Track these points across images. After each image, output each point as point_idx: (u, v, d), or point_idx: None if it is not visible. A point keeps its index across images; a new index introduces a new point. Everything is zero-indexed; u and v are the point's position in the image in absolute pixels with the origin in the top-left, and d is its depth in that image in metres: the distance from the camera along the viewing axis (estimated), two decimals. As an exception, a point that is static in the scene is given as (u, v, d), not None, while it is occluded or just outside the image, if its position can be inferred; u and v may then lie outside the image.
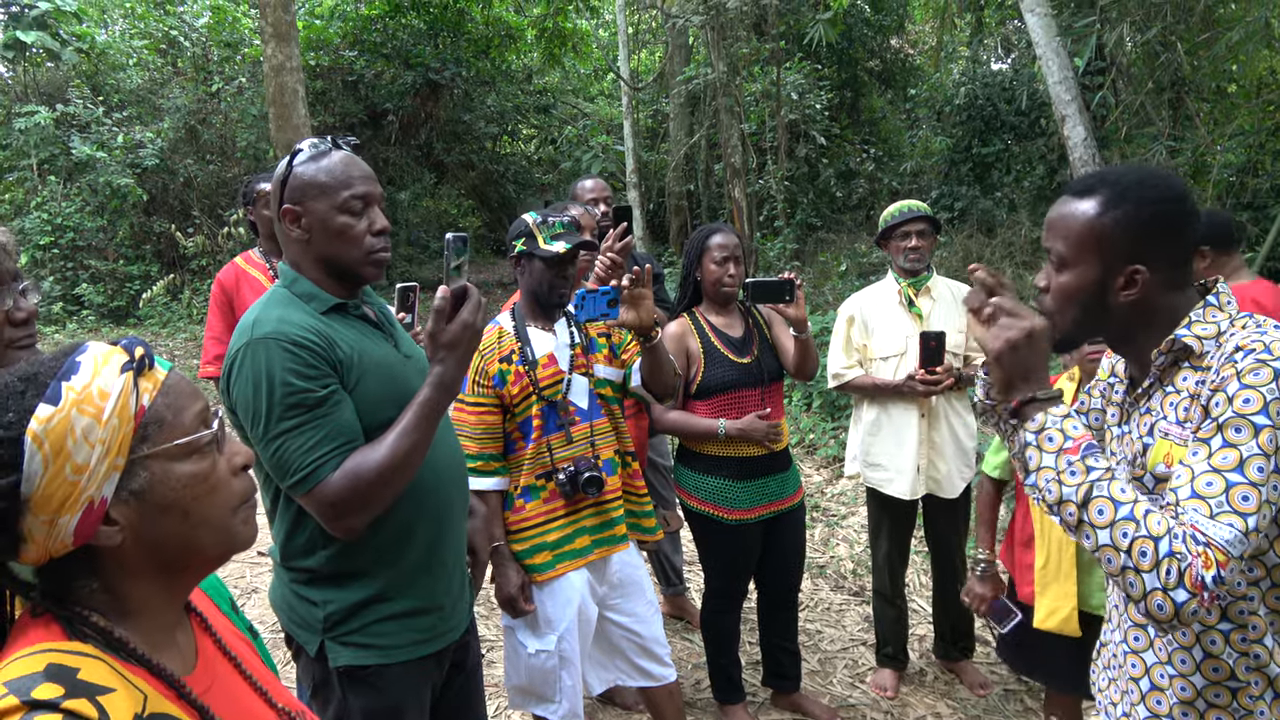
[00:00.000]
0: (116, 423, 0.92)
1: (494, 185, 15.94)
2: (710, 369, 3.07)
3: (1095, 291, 1.44)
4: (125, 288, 11.72)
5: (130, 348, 0.97)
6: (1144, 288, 1.42)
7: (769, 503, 3.12)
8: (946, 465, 3.34)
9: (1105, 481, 1.30)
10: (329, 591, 1.79)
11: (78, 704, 0.85)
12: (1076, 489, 1.30)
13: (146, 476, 0.96)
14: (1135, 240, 1.40)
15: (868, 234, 9.73)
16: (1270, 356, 1.29)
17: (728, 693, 3.28)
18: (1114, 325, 1.48)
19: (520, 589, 2.52)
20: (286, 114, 8.21)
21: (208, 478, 1.00)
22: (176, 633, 1.05)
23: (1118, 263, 1.42)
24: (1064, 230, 1.46)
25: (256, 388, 1.65)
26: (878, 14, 11.75)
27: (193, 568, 1.04)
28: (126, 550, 0.96)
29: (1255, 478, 1.25)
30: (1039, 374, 1.39)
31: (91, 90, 12.56)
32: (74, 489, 0.90)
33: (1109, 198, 1.42)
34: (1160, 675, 1.48)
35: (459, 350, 1.68)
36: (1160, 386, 1.47)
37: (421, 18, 13.74)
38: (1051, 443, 1.34)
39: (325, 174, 1.76)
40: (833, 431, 6.43)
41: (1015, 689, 3.49)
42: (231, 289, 3.59)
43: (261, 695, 1.12)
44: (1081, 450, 1.32)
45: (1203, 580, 1.21)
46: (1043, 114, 9.19)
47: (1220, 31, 6.61)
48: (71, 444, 0.90)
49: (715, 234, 3.11)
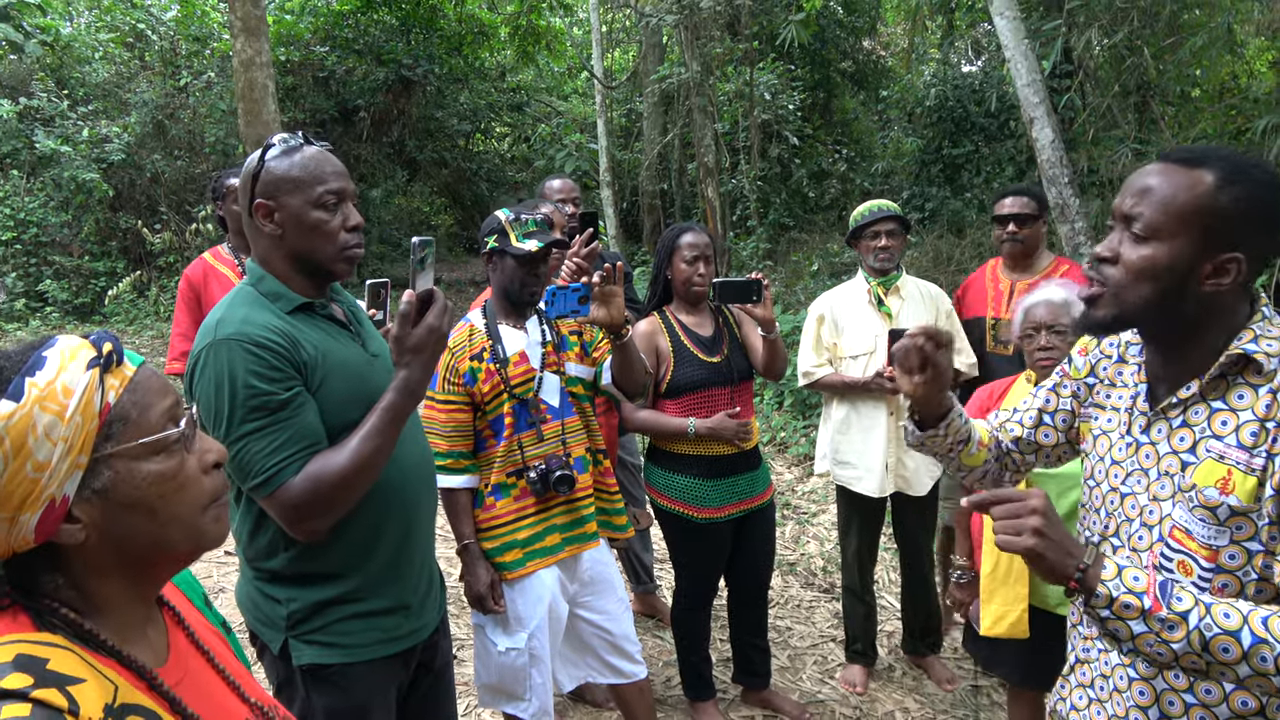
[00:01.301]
0: (80, 420, 0.91)
1: (467, 183, 15.85)
2: (679, 368, 3.07)
3: (1182, 272, 1.30)
4: (90, 284, 11.53)
5: (99, 343, 0.96)
6: (1235, 279, 1.29)
7: (739, 501, 3.13)
8: (914, 463, 3.37)
9: (1206, 617, 1.21)
10: (293, 589, 1.78)
11: (47, 693, 0.84)
12: (1187, 640, 1.21)
13: (110, 475, 0.95)
14: (1242, 225, 1.28)
15: (840, 234, 9.77)
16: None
17: (698, 689, 3.29)
18: (1182, 317, 1.34)
19: (490, 587, 2.51)
20: (256, 110, 8.10)
21: (175, 475, 0.99)
22: (147, 626, 1.04)
23: (1216, 245, 1.28)
24: (1164, 198, 1.30)
25: (219, 389, 1.64)
26: (850, 16, 11.81)
27: (162, 565, 1.03)
28: (91, 547, 0.95)
29: None
30: (1073, 543, 1.30)
31: (56, 84, 12.35)
32: (35, 486, 0.89)
33: (1226, 173, 1.28)
34: (1172, 703, 1.36)
35: (424, 354, 1.68)
36: (1204, 400, 1.35)
37: (394, 14, 13.64)
38: (1130, 609, 1.24)
39: (299, 169, 1.74)
40: (803, 430, 6.47)
41: (982, 684, 3.53)
42: (199, 285, 3.54)
43: (234, 689, 1.11)
44: (1164, 601, 1.23)
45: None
46: (1012, 116, 9.28)
47: (1185, 37, 6.72)
48: (33, 441, 0.88)
49: (686, 233, 3.11)
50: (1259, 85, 8.10)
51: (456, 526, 2.56)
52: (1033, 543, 1.28)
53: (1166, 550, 1.37)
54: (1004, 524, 1.31)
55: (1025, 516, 1.29)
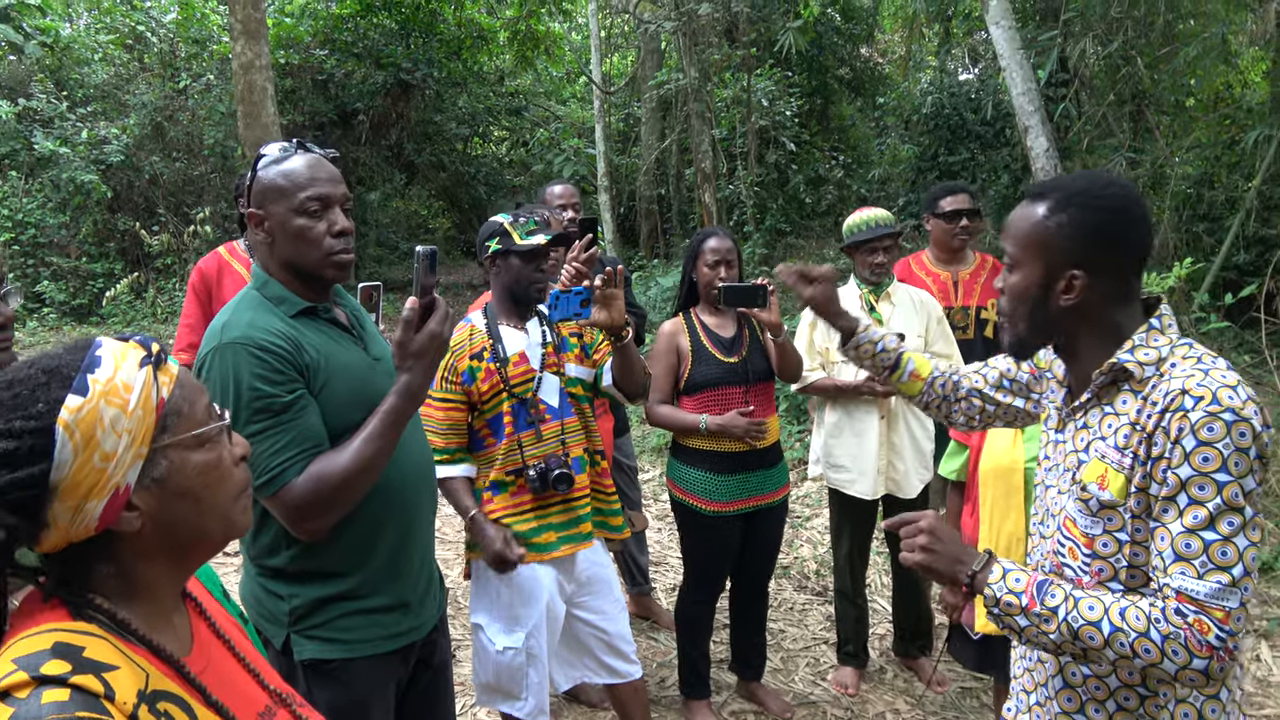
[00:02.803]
0: (141, 413, 0.97)
1: (465, 187, 15.88)
2: (697, 366, 3.18)
3: (1039, 294, 1.49)
4: (88, 286, 11.53)
5: (147, 343, 1.03)
6: (1082, 293, 1.46)
7: (749, 497, 3.19)
8: (905, 465, 3.42)
9: (1073, 611, 1.38)
10: (295, 586, 1.81)
11: (84, 679, 0.88)
12: (1059, 630, 1.38)
13: (166, 465, 1.01)
14: (1076, 244, 1.45)
15: (836, 240, 9.82)
16: (1219, 408, 1.32)
17: (694, 687, 3.34)
18: (1057, 331, 1.53)
19: (505, 542, 2.51)
20: (255, 112, 8.14)
21: (218, 466, 1.06)
22: (174, 616, 1.09)
23: (1058, 266, 1.46)
24: (1014, 232, 1.52)
25: (224, 392, 1.68)
26: (848, 23, 11.88)
27: (200, 551, 1.10)
28: (144, 535, 1.01)
29: (1227, 531, 1.32)
30: (965, 552, 1.50)
31: (55, 85, 12.35)
32: (102, 476, 0.95)
33: (1057, 201, 1.47)
34: (1073, 673, 1.54)
35: (426, 359, 1.72)
36: (1098, 404, 1.51)
37: (393, 17, 13.67)
38: (1012, 607, 1.43)
39: (284, 177, 1.78)
40: (798, 434, 6.50)
41: (972, 686, 3.56)
42: (213, 279, 3.54)
43: (254, 677, 1.16)
44: (1039, 598, 1.41)
45: (1208, 643, 1.30)
46: (1008, 124, 9.33)
47: (1179, 47, 6.77)
48: (101, 433, 0.94)
49: (710, 238, 3.23)
50: (1253, 95, 8.15)
51: (458, 503, 2.58)
52: (920, 557, 1.51)
53: (1060, 537, 1.56)
54: (904, 543, 1.54)
55: (916, 536, 1.52)
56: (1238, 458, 1.32)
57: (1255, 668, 3.55)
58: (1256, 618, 3.83)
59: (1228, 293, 4.88)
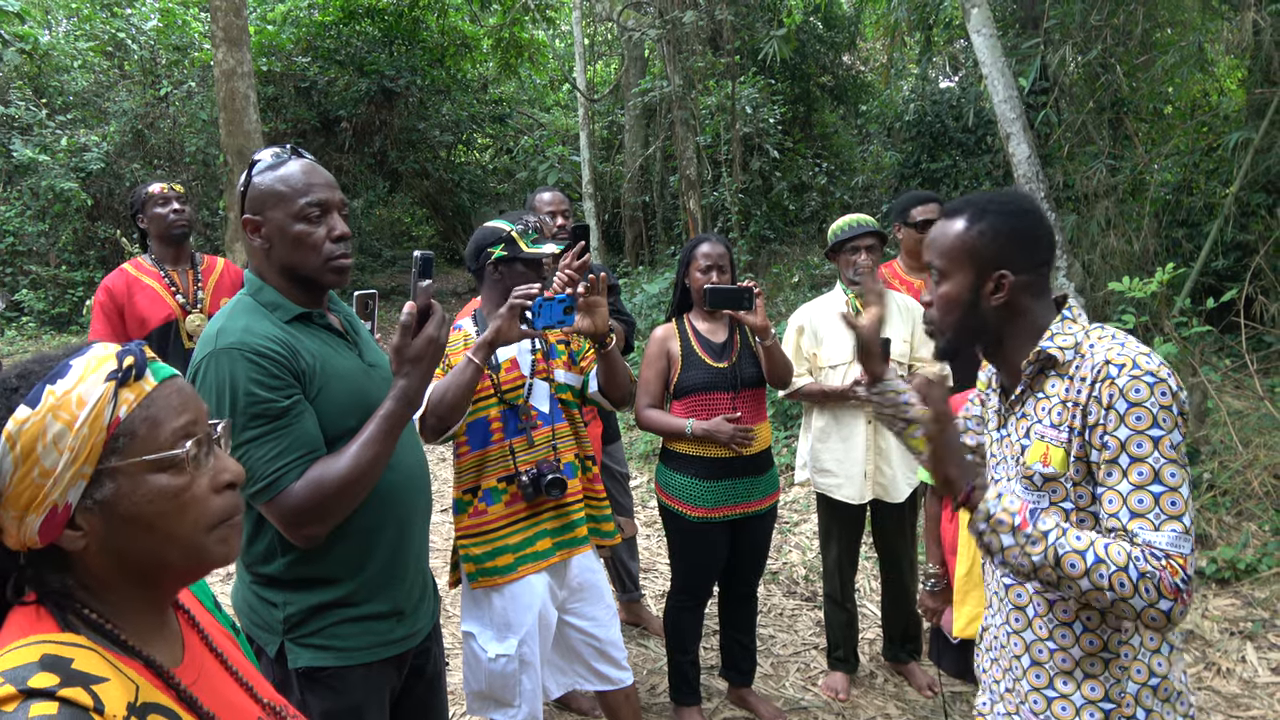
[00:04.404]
0: (87, 432, 0.93)
1: (448, 194, 15.85)
2: (686, 371, 3.19)
3: (970, 297, 1.64)
4: (67, 294, 11.44)
5: (121, 356, 0.98)
6: (1010, 290, 1.61)
7: (736, 504, 3.19)
8: (892, 470, 3.43)
9: (1062, 538, 1.46)
10: (289, 594, 1.80)
11: (73, 692, 0.86)
12: (1044, 554, 1.46)
13: (112, 487, 0.96)
14: (999, 247, 1.61)
15: (820, 246, 9.87)
16: (1141, 371, 1.47)
17: (683, 694, 3.33)
18: (987, 330, 1.67)
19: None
20: (237, 119, 8.09)
21: (179, 494, 0.99)
22: (163, 628, 1.06)
23: (986, 268, 1.62)
24: (940, 247, 1.68)
25: (220, 398, 1.67)
26: (830, 31, 11.95)
27: (166, 578, 1.04)
28: (91, 556, 0.97)
29: (1172, 482, 1.45)
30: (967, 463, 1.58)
31: (34, 92, 12.27)
32: (39, 491, 0.92)
33: (974, 214, 1.64)
34: (1040, 650, 1.64)
35: (423, 364, 1.72)
36: (1031, 393, 1.65)
37: (376, 25, 13.64)
38: (1003, 525, 1.50)
39: (282, 183, 1.78)
40: (785, 440, 6.52)
41: (961, 690, 3.57)
42: (122, 296, 3.48)
43: (246, 689, 1.13)
44: (1032, 521, 1.49)
45: (1176, 586, 1.40)
46: (989, 131, 9.43)
47: (1157, 55, 6.86)
48: (41, 448, 0.91)
49: (703, 243, 3.24)
50: (1229, 103, 8.27)
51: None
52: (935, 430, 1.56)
53: None
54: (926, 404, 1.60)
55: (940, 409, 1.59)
56: (1164, 414, 1.45)
57: (1241, 669, 3.59)
58: (1241, 619, 3.86)
59: (1209, 298, 4.93)
